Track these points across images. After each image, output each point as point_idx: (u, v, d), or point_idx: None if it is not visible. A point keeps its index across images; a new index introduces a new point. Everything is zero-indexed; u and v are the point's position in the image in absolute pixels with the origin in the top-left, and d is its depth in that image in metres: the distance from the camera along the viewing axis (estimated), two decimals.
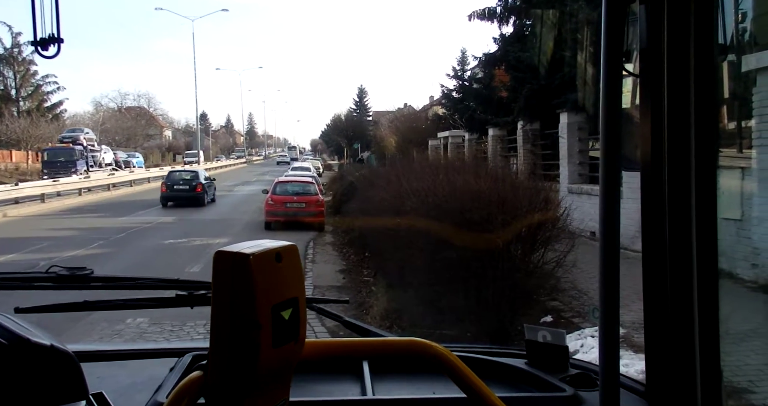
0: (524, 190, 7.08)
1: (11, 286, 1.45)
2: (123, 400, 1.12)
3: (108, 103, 64.08)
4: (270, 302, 0.75)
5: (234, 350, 0.75)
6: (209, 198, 22.65)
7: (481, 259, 6.08)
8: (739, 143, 3.39)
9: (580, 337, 5.48)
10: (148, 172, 36.86)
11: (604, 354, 1.09)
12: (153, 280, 1.50)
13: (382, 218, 8.60)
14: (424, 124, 30.25)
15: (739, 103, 1.96)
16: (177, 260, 11.09)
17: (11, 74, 48.02)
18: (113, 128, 54.64)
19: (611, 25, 1.07)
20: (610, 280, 1.09)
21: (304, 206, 16.03)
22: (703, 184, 1.10)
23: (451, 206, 6.55)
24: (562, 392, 1.26)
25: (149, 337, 6.56)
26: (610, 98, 1.09)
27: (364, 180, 14.96)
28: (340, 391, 1.32)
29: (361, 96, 63.97)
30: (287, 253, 0.79)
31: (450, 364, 0.91)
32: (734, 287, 2.72)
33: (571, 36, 10.73)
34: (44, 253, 11.44)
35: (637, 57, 1.18)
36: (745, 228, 4.50)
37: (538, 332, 1.41)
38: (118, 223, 16.80)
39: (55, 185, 24.50)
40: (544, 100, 14.14)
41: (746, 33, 2.17)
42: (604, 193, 1.10)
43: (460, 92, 22.27)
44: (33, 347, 1.03)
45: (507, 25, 16.54)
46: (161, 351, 1.50)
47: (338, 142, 56.37)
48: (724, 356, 1.11)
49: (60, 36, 1.10)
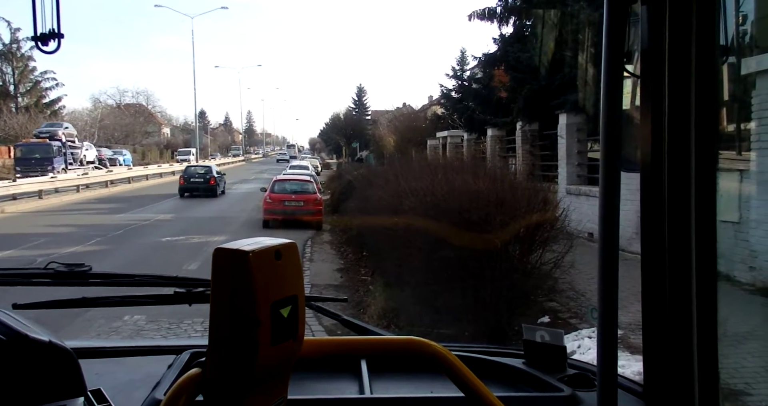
0: (523, 190, 7.08)
1: (9, 282, 1.45)
2: (121, 397, 1.12)
3: (106, 100, 64.06)
4: (269, 300, 0.75)
5: (233, 347, 0.75)
6: (221, 190, 24.99)
7: (479, 259, 6.08)
8: (738, 146, 3.40)
9: (577, 338, 5.49)
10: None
11: (602, 354, 1.10)
12: (151, 277, 1.50)
13: (380, 217, 8.60)
14: (423, 124, 30.25)
15: (739, 105, 1.96)
16: (175, 257, 11.09)
17: (10, 70, 47.94)
18: (112, 125, 54.57)
19: (612, 25, 1.07)
20: (609, 281, 1.09)
21: (303, 204, 16.03)
22: (702, 187, 1.10)
23: (450, 205, 6.55)
24: (560, 392, 1.26)
25: (147, 334, 6.56)
26: (611, 99, 1.09)
27: (362, 179, 14.97)
28: (338, 389, 1.32)
29: (360, 95, 63.96)
30: (287, 250, 0.79)
31: (448, 363, 0.91)
32: (732, 289, 2.73)
33: (572, 37, 10.74)
34: (42, 249, 11.42)
35: (638, 58, 1.18)
36: (743, 231, 4.51)
37: (536, 332, 1.42)
38: (116, 220, 16.79)
39: (53, 182, 24.47)
40: (544, 101, 14.15)
41: (747, 36, 2.18)
42: (603, 194, 1.10)
43: (459, 92, 22.29)
44: (31, 344, 1.03)
45: (507, 26, 16.56)
46: (159, 348, 1.50)
47: (337, 141, 56.36)
48: (722, 358, 1.11)
49: (60, 31, 1.09)
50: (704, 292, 1.10)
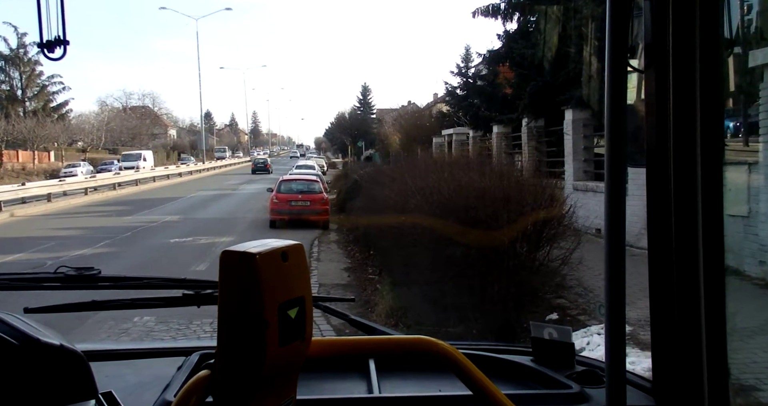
0: (529, 187, 7.06)
1: (20, 286, 1.46)
2: (131, 399, 1.13)
3: (113, 103, 64.45)
4: (277, 301, 0.76)
5: (241, 348, 0.76)
6: (271, 171, 43.33)
7: (486, 256, 6.07)
8: (745, 139, 3.38)
9: (586, 334, 5.47)
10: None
11: (611, 350, 1.09)
12: (160, 279, 1.51)
13: (387, 216, 8.60)
14: (428, 122, 30.19)
15: (746, 98, 1.94)
16: (183, 258, 11.12)
17: (17, 75, 48.32)
18: (118, 128, 54.83)
19: (616, 20, 1.07)
20: (616, 277, 1.08)
21: (309, 204, 16.05)
22: (709, 181, 1.09)
23: (456, 203, 6.54)
24: (569, 389, 1.25)
25: (156, 336, 6.59)
26: (615, 94, 1.08)
27: (368, 178, 14.97)
28: (346, 389, 1.32)
29: (365, 94, 63.92)
30: (293, 252, 0.79)
31: (456, 361, 0.91)
32: (741, 284, 2.70)
33: (576, 32, 10.69)
34: (51, 252, 11.50)
35: (643, 52, 1.18)
36: (752, 225, 4.47)
37: (544, 330, 1.41)
38: (124, 222, 16.88)
39: (62, 185, 24.64)
40: (549, 97, 14.09)
41: (752, 28, 2.16)
42: (609, 189, 1.10)
43: (464, 89, 22.21)
44: (43, 347, 1.04)
45: (511, 22, 16.48)
46: (169, 350, 1.51)
47: (342, 140, 56.36)
48: (732, 354, 1.11)
49: (66, 38, 1.10)
50: (713, 287, 1.09)
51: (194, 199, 24.08)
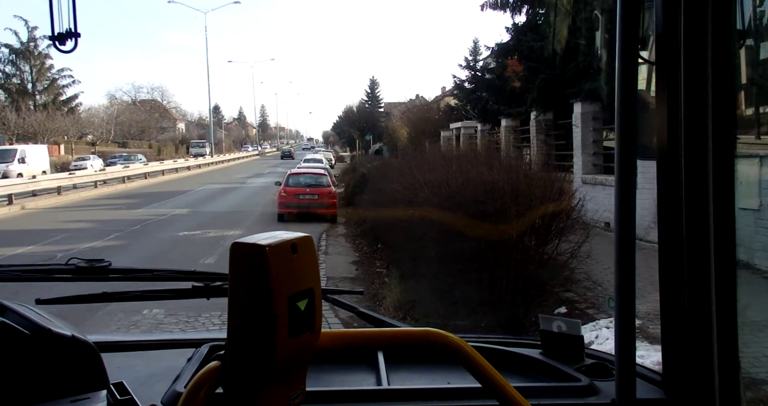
0: (538, 180, 7.03)
1: (32, 278, 1.48)
2: (142, 389, 1.14)
3: (122, 96, 64.73)
4: (286, 293, 0.76)
5: (251, 340, 0.76)
6: (294, 157, 51.67)
7: (495, 250, 6.06)
8: (757, 131, 3.34)
9: (594, 328, 5.46)
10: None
11: (620, 343, 1.09)
12: (170, 271, 1.52)
13: (395, 210, 8.60)
14: (436, 115, 30.10)
15: (758, 90, 1.92)
16: (192, 251, 11.19)
17: (28, 68, 48.59)
18: (127, 121, 55.09)
19: (627, 11, 1.06)
20: (626, 270, 1.08)
21: (317, 197, 16.07)
22: (720, 173, 1.08)
23: (464, 197, 6.53)
24: (578, 382, 1.25)
25: (165, 327, 6.64)
26: (626, 86, 1.08)
27: (376, 171, 14.95)
28: (355, 381, 1.33)
29: (373, 87, 63.75)
30: (303, 244, 0.80)
31: (465, 354, 0.91)
32: (753, 277, 2.68)
33: (586, 24, 10.58)
34: (62, 245, 11.60)
35: (653, 44, 1.16)
36: (763, 218, 4.43)
37: (552, 322, 1.41)
38: (134, 215, 16.98)
39: (72, 178, 24.82)
40: (558, 90, 14.00)
41: (765, 19, 2.13)
42: (619, 182, 1.09)
43: (472, 83, 22.11)
44: (55, 338, 1.05)
45: (520, 15, 16.38)
46: (179, 342, 1.52)
47: (350, 133, 56.30)
48: (743, 347, 1.10)
49: (77, 30, 1.11)
50: (723, 280, 1.09)
51: (203, 193, 24.19)
